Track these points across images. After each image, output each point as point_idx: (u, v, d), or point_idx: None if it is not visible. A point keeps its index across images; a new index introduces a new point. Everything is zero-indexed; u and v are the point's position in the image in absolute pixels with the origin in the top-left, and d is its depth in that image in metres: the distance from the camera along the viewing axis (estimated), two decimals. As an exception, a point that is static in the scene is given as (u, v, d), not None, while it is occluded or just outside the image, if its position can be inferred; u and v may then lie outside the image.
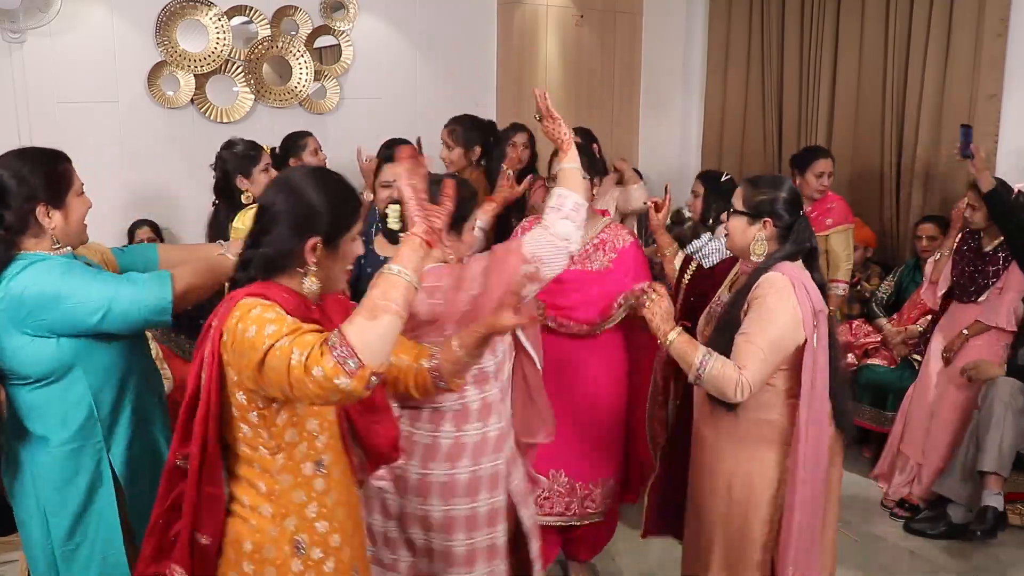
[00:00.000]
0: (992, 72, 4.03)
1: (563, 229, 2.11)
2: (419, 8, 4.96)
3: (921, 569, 3.30)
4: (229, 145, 3.29)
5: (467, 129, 3.90)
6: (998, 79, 4.03)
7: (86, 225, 2.04)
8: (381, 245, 2.83)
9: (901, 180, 4.47)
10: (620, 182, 4.00)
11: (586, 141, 3.94)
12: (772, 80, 5.02)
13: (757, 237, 2.21)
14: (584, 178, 2.39)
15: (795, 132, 4.89)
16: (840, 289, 4.00)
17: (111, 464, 2.00)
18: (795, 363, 2.16)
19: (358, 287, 2.74)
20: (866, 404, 4.08)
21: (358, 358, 1.38)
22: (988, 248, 3.55)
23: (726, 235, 2.32)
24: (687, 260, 2.91)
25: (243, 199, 3.16)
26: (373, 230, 2.88)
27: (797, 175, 3.98)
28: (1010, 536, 3.49)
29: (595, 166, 2.87)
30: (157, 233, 4.14)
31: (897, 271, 4.35)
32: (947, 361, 3.64)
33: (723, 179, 3.36)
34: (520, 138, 3.97)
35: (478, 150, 3.91)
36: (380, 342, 1.41)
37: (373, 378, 1.40)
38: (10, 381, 1.93)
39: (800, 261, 2.23)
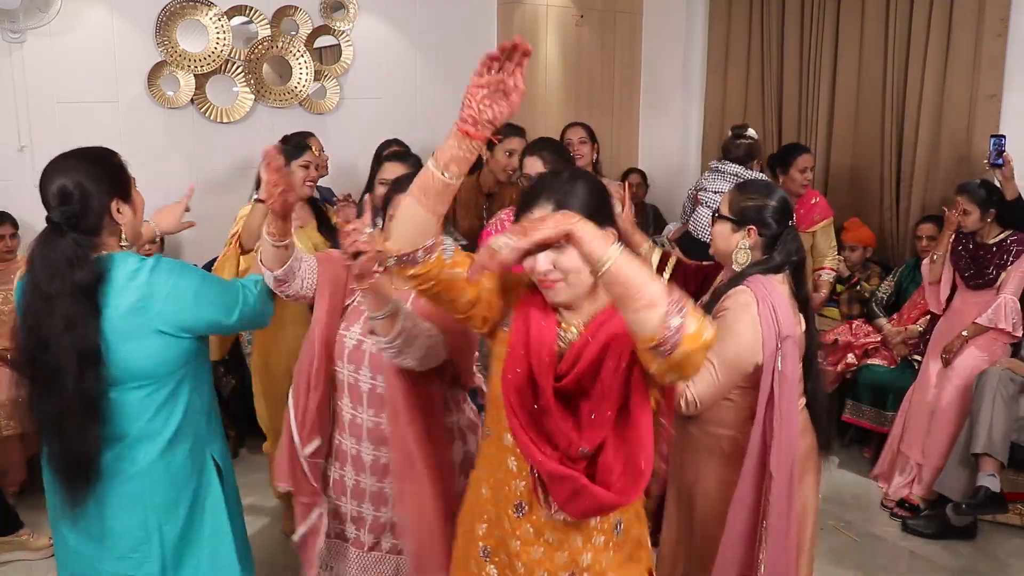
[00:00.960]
0: (992, 72, 4.03)
1: None
2: (419, 8, 4.96)
3: (921, 569, 3.30)
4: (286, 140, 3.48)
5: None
6: (998, 79, 4.03)
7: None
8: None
9: (901, 180, 4.47)
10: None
11: (589, 138, 3.98)
12: (772, 80, 5.02)
13: (740, 245, 2.12)
14: None
15: (795, 132, 4.89)
16: (827, 275, 4.09)
17: (214, 458, 2.01)
18: (756, 382, 2.06)
19: None
20: (866, 404, 4.08)
21: None
22: (991, 241, 3.62)
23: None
24: (664, 257, 2.87)
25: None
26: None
27: (780, 174, 4.01)
28: (1009, 536, 3.49)
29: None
30: (157, 233, 4.14)
31: (897, 271, 4.35)
32: (946, 362, 3.65)
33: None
34: (514, 144, 3.84)
35: None
36: (397, 224, 1.50)
37: (391, 260, 1.50)
38: (126, 386, 1.85)
39: (784, 274, 2.13)
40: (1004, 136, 3.64)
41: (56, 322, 1.75)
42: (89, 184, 1.83)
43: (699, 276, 2.55)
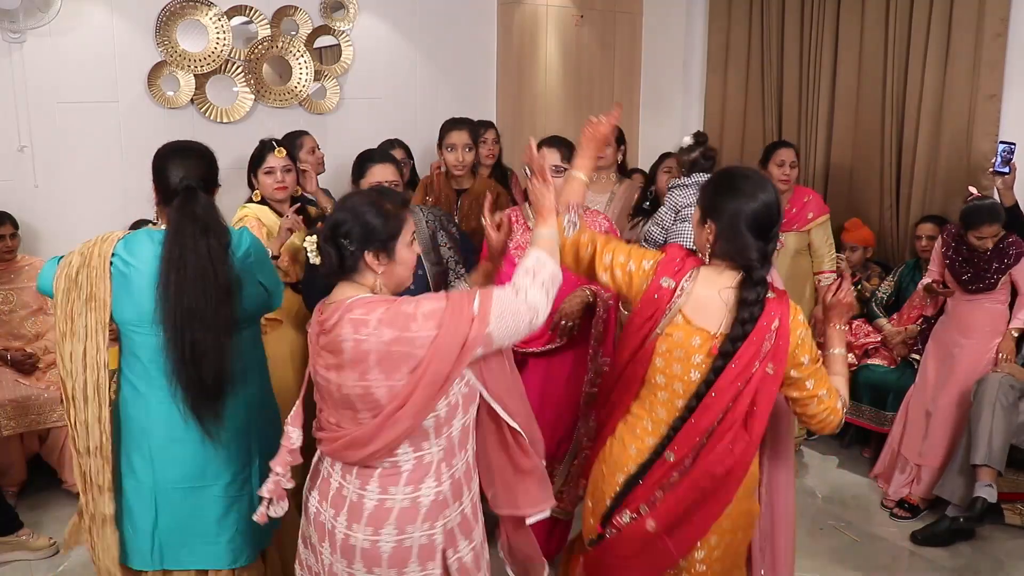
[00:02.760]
0: (992, 72, 4.03)
1: (536, 299, 1.82)
2: (419, 8, 4.96)
3: (921, 569, 3.30)
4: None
5: (476, 129, 3.90)
6: (998, 79, 4.03)
7: None
8: None
9: (901, 180, 4.46)
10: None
11: (614, 140, 3.98)
12: (772, 80, 5.02)
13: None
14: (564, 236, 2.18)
15: (795, 132, 4.89)
16: (827, 279, 4.04)
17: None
18: None
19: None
20: (866, 404, 4.08)
21: None
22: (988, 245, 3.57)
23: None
24: None
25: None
26: None
27: (762, 170, 4.00)
28: (1009, 536, 3.49)
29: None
30: (157, 233, 4.14)
31: (897, 271, 4.35)
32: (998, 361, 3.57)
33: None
34: (490, 135, 4.07)
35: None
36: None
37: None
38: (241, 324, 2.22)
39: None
40: (1014, 144, 3.62)
41: (201, 263, 2.07)
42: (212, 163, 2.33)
43: None
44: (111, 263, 2.15)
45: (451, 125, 3.76)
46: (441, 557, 1.88)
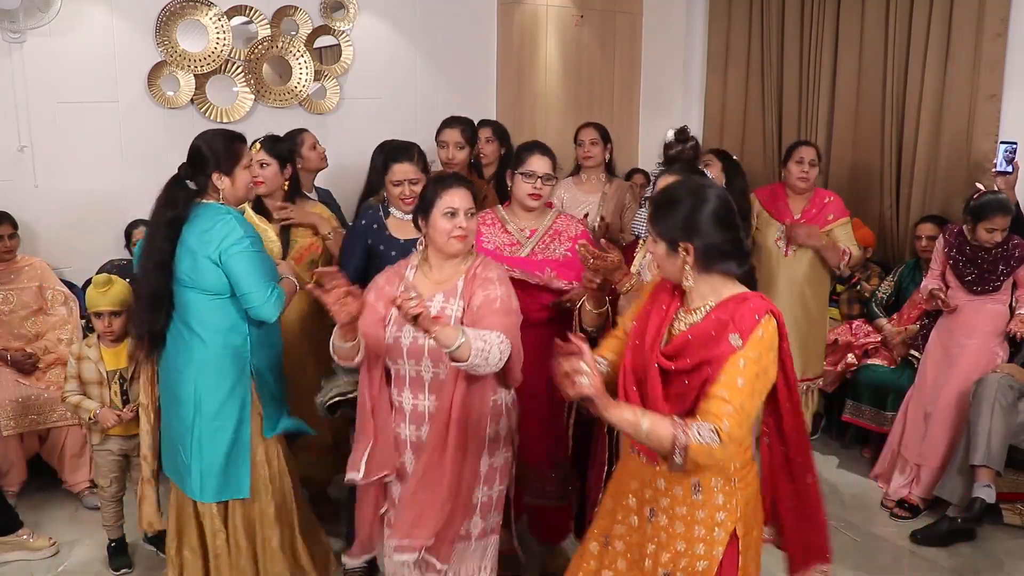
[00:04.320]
0: (992, 72, 4.03)
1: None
2: (419, 8, 4.96)
3: (921, 569, 3.30)
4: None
5: (469, 128, 3.90)
6: (998, 79, 4.03)
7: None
8: (396, 227, 3.04)
9: (901, 180, 4.46)
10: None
11: (601, 139, 3.99)
12: (772, 80, 5.02)
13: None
14: None
15: (795, 132, 4.89)
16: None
17: (253, 370, 2.68)
18: None
19: (371, 267, 2.95)
20: (866, 404, 4.08)
21: None
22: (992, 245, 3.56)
23: None
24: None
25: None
26: (382, 213, 3.09)
27: (783, 169, 4.00)
28: (1009, 535, 3.49)
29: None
30: (157, 233, 4.14)
31: (897, 271, 4.35)
32: None
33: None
34: (483, 133, 4.05)
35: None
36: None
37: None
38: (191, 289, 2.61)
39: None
40: (1015, 143, 3.61)
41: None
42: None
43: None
44: None
45: (445, 123, 3.80)
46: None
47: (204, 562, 2.76)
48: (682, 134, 3.73)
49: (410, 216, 2.80)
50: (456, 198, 2.33)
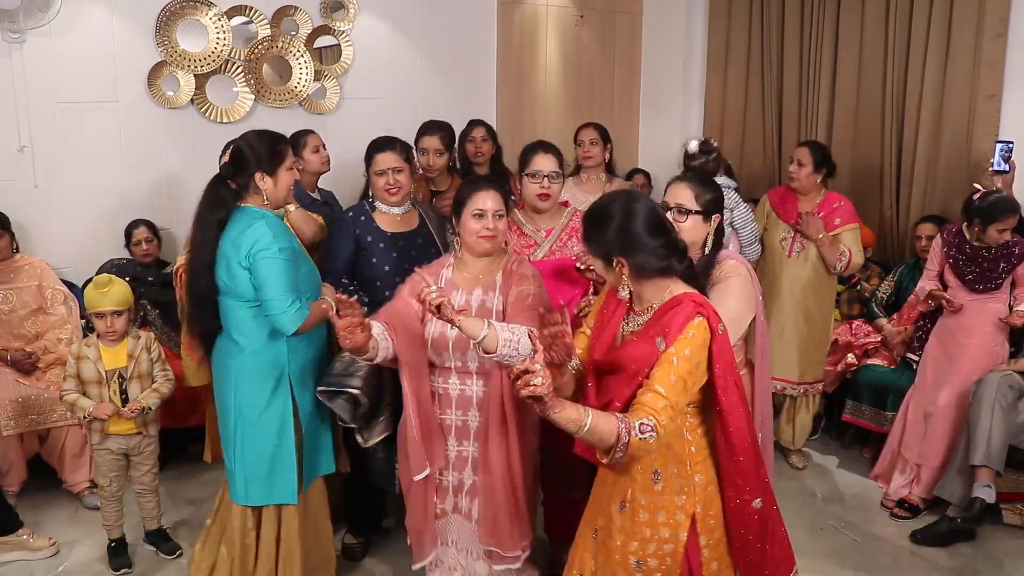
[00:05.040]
0: (992, 72, 4.03)
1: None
2: (419, 8, 4.96)
3: (921, 569, 3.30)
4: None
5: (448, 134, 3.91)
6: (998, 79, 4.03)
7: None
8: (382, 219, 3.10)
9: (901, 180, 4.46)
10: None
11: (600, 139, 4.00)
12: (772, 80, 5.02)
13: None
14: None
15: (795, 132, 4.89)
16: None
17: (290, 378, 2.66)
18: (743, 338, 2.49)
19: (359, 259, 3.05)
20: (866, 404, 4.08)
21: None
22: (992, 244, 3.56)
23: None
24: None
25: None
26: (368, 207, 3.14)
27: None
28: (1009, 535, 3.49)
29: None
30: (155, 233, 4.13)
31: (897, 271, 4.35)
32: None
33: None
34: (478, 132, 4.08)
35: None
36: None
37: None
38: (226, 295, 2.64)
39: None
40: (1012, 142, 3.61)
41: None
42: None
43: None
44: None
45: (423, 129, 3.85)
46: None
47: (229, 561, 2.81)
48: (706, 145, 3.76)
49: (396, 208, 3.06)
50: (485, 200, 2.46)
